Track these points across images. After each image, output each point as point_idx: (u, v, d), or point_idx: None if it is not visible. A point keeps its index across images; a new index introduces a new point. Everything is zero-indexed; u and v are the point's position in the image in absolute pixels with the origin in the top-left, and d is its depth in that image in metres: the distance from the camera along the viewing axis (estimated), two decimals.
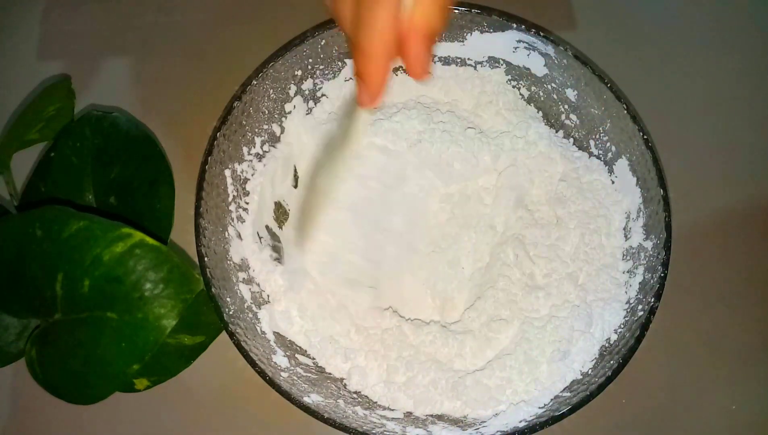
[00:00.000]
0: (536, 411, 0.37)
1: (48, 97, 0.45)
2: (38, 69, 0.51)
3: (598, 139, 0.44)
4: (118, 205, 0.43)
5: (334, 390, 0.38)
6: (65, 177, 0.43)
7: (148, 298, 0.35)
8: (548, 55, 0.44)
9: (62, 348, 0.36)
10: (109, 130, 0.44)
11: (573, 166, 0.44)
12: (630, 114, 0.40)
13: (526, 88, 0.46)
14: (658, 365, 0.43)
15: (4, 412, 0.42)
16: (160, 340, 0.35)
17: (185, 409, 0.42)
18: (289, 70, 0.44)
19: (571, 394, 0.37)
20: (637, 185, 0.41)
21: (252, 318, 0.39)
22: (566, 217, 0.42)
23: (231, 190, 0.42)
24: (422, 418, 0.38)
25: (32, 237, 0.36)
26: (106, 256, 0.35)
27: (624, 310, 0.39)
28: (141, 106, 0.49)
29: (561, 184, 0.44)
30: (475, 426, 0.37)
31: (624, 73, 0.47)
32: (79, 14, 0.54)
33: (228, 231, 0.41)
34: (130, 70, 0.52)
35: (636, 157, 0.41)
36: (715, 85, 0.51)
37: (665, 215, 0.38)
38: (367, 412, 0.37)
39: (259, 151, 0.44)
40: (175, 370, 0.40)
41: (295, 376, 0.37)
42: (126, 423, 0.42)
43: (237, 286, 0.40)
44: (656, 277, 0.37)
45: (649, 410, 0.42)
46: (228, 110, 0.41)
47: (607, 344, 0.38)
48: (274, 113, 0.44)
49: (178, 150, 0.47)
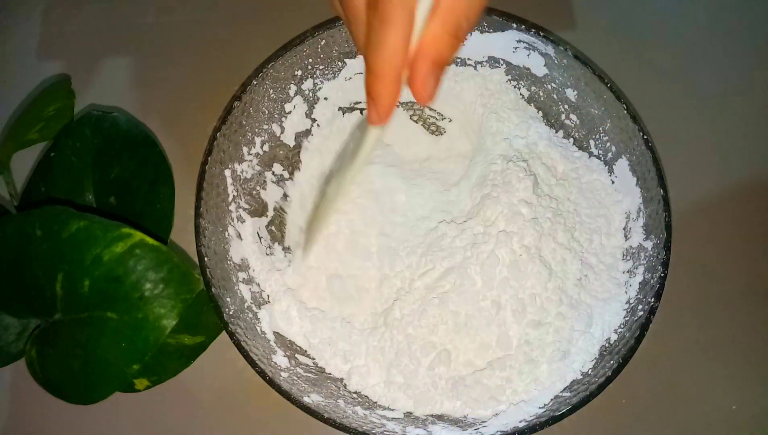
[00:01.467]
0: (536, 411, 0.37)
1: (48, 97, 0.45)
2: (38, 69, 0.51)
3: (598, 139, 0.44)
4: (118, 205, 0.43)
5: (334, 390, 0.38)
6: (65, 177, 0.43)
7: (148, 298, 0.35)
8: (548, 55, 0.44)
9: (62, 348, 0.36)
10: (109, 130, 0.44)
11: (573, 166, 0.44)
12: (630, 114, 0.40)
13: (526, 88, 0.46)
14: (658, 365, 0.43)
15: (4, 412, 0.42)
16: (160, 340, 0.35)
17: (185, 409, 0.42)
18: (289, 70, 0.44)
19: (571, 394, 0.37)
20: (637, 185, 0.41)
21: (252, 318, 0.39)
22: (566, 217, 0.42)
23: (231, 190, 0.42)
24: (422, 418, 0.38)
25: (32, 237, 0.36)
26: (106, 256, 0.35)
27: (624, 310, 0.39)
28: (141, 106, 0.49)
29: (561, 183, 0.44)
30: (475, 426, 0.37)
31: (624, 73, 0.47)
32: (79, 14, 0.54)
33: (228, 231, 0.41)
34: (130, 70, 0.52)
35: (636, 157, 0.41)
36: (715, 85, 0.51)
37: (665, 215, 0.38)
38: (367, 412, 0.37)
39: (259, 151, 0.44)
40: (175, 370, 0.40)
41: (295, 376, 0.37)
42: (126, 423, 0.42)
43: (237, 286, 0.40)
44: (656, 277, 0.37)
45: (649, 410, 0.42)
46: (228, 110, 0.41)
47: (607, 344, 0.38)
48: (274, 113, 0.44)
49: (178, 150, 0.47)
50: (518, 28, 0.43)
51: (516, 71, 0.46)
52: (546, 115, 0.46)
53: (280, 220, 0.45)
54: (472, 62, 0.46)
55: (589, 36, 0.51)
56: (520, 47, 0.44)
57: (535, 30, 0.43)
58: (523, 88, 0.46)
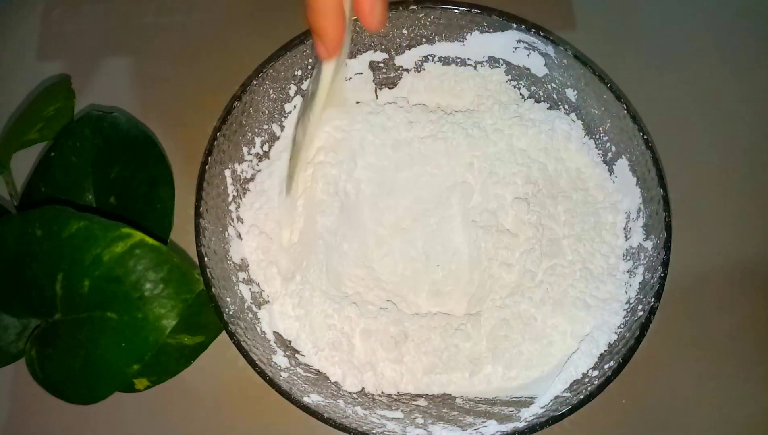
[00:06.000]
0: (536, 411, 0.37)
1: (48, 97, 0.45)
2: (38, 69, 0.51)
3: (598, 139, 0.44)
4: (118, 205, 0.43)
5: (334, 390, 0.38)
6: (65, 177, 0.43)
7: (148, 298, 0.35)
8: (548, 55, 0.44)
9: (62, 348, 0.36)
10: (109, 130, 0.44)
11: (575, 164, 0.44)
12: (630, 114, 0.40)
13: (526, 88, 0.46)
14: (658, 365, 0.43)
15: (4, 412, 0.42)
16: (160, 340, 0.35)
17: (185, 409, 0.42)
18: (289, 70, 0.44)
19: (571, 394, 0.37)
20: (637, 185, 0.41)
21: (252, 318, 0.39)
22: (566, 217, 0.42)
23: (231, 190, 0.42)
24: (421, 419, 0.38)
25: (32, 237, 0.36)
26: (106, 256, 0.35)
27: (624, 310, 0.39)
28: (141, 106, 0.49)
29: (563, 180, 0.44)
30: (475, 426, 0.37)
31: (624, 73, 0.47)
32: (79, 14, 0.54)
33: (228, 231, 0.41)
34: (130, 70, 0.52)
35: (636, 157, 0.41)
36: (714, 85, 0.51)
37: (665, 215, 0.38)
38: (367, 412, 0.37)
39: (259, 151, 0.44)
40: (175, 370, 0.40)
41: (295, 376, 0.37)
42: (126, 423, 0.42)
43: (237, 286, 0.40)
44: (656, 277, 0.37)
45: (649, 410, 0.42)
46: (228, 110, 0.41)
47: (607, 344, 0.38)
48: (274, 113, 0.44)
49: (178, 150, 0.47)
50: (518, 28, 0.43)
51: (516, 71, 0.46)
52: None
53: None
54: (472, 62, 0.47)
55: (589, 36, 0.51)
56: (520, 47, 0.44)
57: (535, 30, 0.43)
58: (523, 88, 0.46)
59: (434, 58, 0.47)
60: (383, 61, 0.46)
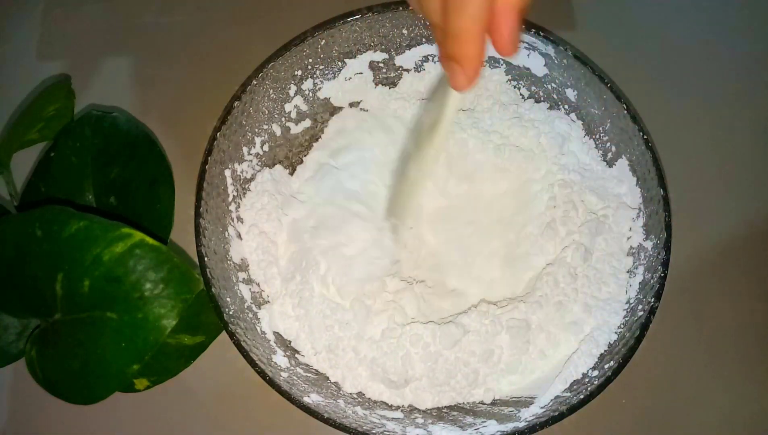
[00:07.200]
0: (536, 411, 0.37)
1: (48, 97, 0.45)
2: (38, 69, 0.51)
3: (598, 139, 0.44)
4: (118, 205, 0.43)
5: (333, 390, 0.38)
6: (65, 177, 0.43)
7: (148, 298, 0.35)
8: (548, 55, 0.44)
9: (62, 348, 0.36)
10: (109, 130, 0.44)
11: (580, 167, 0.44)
12: (630, 114, 0.40)
13: (526, 88, 0.46)
14: (658, 365, 0.43)
15: (4, 412, 0.42)
16: (160, 340, 0.35)
17: (185, 409, 0.42)
18: (289, 70, 0.44)
19: (571, 394, 0.37)
20: (637, 185, 0.41)
21: (252, 318, 0.39)
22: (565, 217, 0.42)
23: (231, 190, 0.42)
24: (421, 419, 0.38)
25: (32, 237, 0.36)
26: (106, 256, 0.35)
27: (624, 310, 0.39)
28: (141, 106, 0.49)
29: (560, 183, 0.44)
30: (475, 426, 0.37)
31: (624, 73, 0.47)
32: (79, 14, 0.54)
33: (228, 231, 0.41)
34: (130, 70, 0.52)
35: (636, 157, 0.41)
36: (715, 86, 0.51)
37: (665, 215, 0.38)
38: (367, 412, 0.37)
39: (259, 151, 0.44)
40: (175, 370, 0.40)
41: (295, 376, 0.37)
42: (126, 423, 0.42)
43: (237, 286, 0.40)
44: (656, 277, 0.37)
45: (649, 410, 0.42)
46: (228, 110, 0.41)
47: (606, 344, 0.38)
48: (274, 113, 0.44)
49: (178, 150, 0.47)
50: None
51: (516, 71, 0.46)
52: None
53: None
54: None
55: (589, 36, 0.51)
56: (520, 47, 0.44)
57: (535, 30, 0.43)
58: (523, 88, 0.46)
59: (434, 58, 0.47)
60: (383, 61, 0.46)
